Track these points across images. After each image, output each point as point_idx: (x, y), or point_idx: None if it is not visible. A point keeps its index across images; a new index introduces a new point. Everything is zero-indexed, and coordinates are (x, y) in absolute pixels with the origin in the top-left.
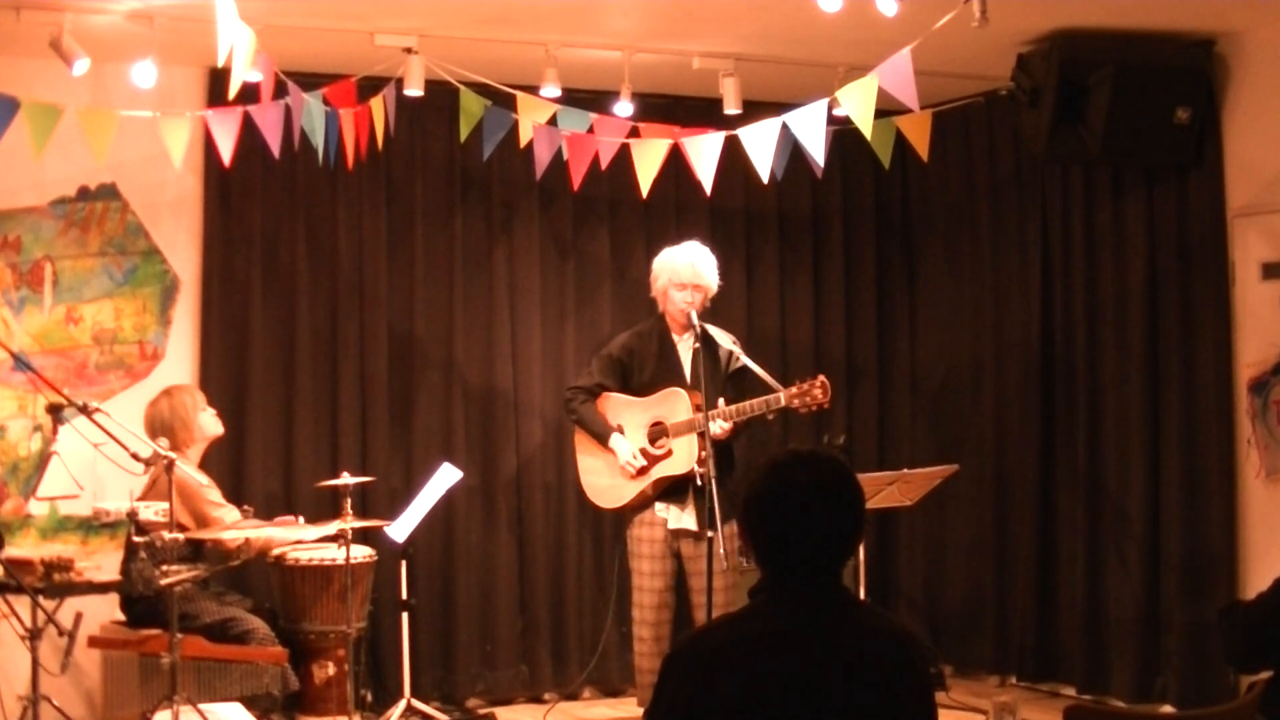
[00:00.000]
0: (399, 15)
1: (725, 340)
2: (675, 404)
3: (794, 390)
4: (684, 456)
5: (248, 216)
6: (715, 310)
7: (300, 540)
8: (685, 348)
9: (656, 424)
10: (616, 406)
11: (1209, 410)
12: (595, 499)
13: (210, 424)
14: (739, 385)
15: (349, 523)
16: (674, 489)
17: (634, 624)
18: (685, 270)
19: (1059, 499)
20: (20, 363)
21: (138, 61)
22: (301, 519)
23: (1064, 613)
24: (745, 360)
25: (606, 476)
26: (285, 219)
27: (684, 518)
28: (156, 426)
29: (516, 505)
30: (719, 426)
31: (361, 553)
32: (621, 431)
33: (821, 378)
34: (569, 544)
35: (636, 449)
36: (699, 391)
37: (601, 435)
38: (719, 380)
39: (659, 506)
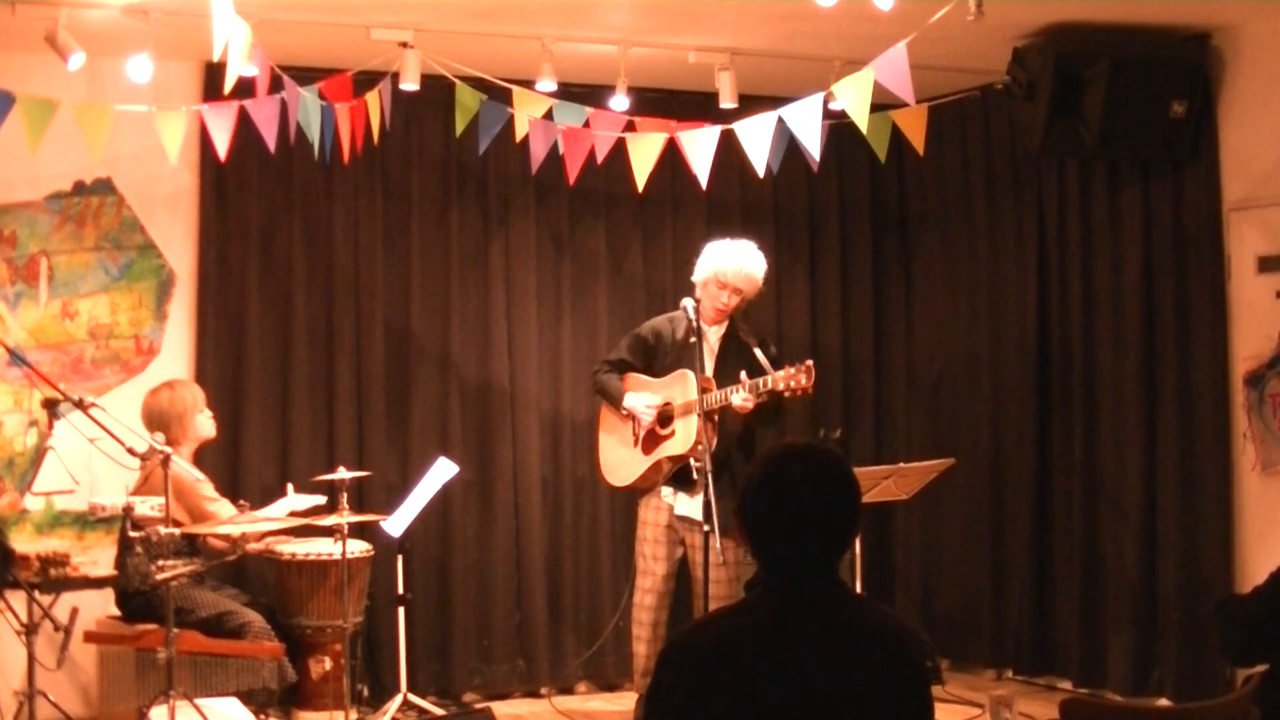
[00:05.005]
0: (395, 9)
1: (753, 342)
2: (682, 386)
3: (781, 374)
4: (683, 437)
5: (244, 211)
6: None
7: (293, 514)
8: (714, 338)
9: (665, 405)
10: (635, 387)
11: (1205, 404)
12: (607, 475)
13: (205, 426)
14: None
15: (345, 517)
16: (684, 476)
17: (634, 608)
18: (732, 273)
19: (1055, 492)
20: (16, 358)
21: (133, 56)
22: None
23: (1060, 606)
24: (761, 359)
25: (617, 451)
26: (281, 213)
27: (691, 505)
28: (154, 417)
29: (513, 499)
30: (740, 398)
31: (358, 547)
32: None
33: (809, 362)
34: (565, 538)
35: (655, 402)
36: (709, 376)
37: (615, 398)
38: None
39: (666, 491)
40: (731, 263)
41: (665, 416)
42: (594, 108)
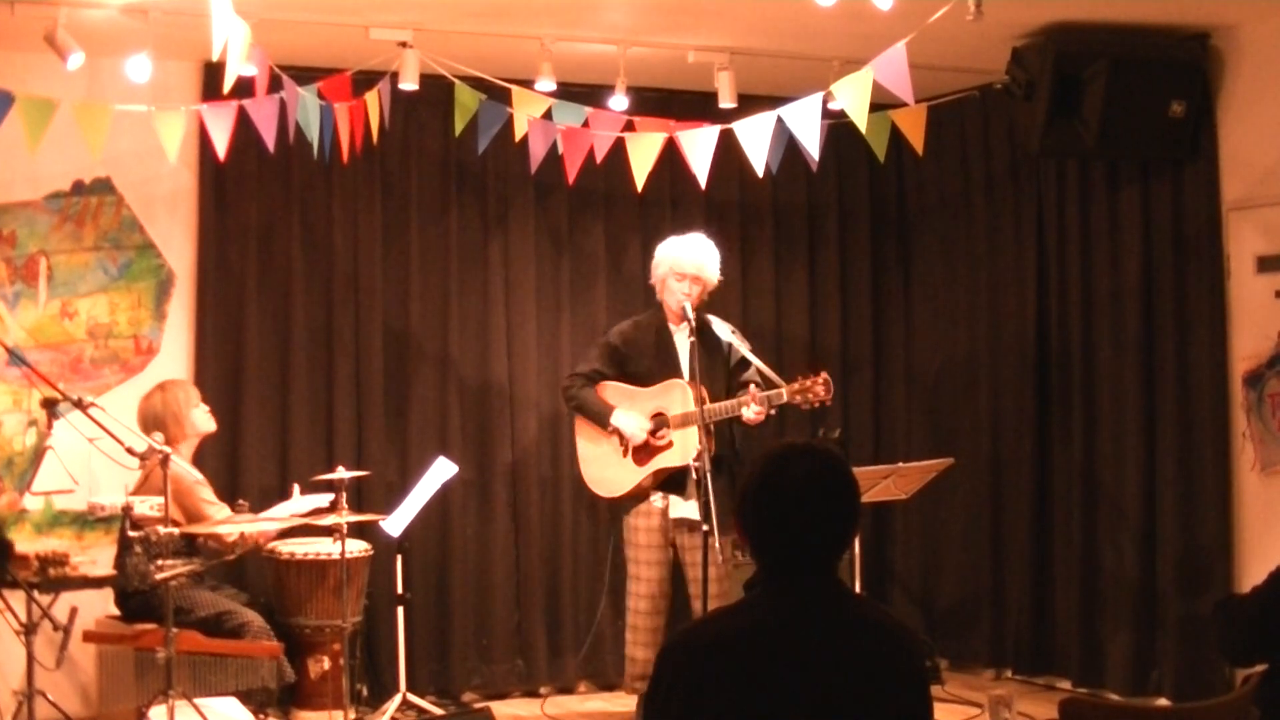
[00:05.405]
0: (394, 9)
1: (724, 332)
2: (676, 396)
3: (795, 386)
4: (682, 449)
5: (243, 211)
6: (711, 303)
7: (295, 516)
8: (682, 339)
9: (658, 415)
10: (618, 396)
11: (1204, 404)
12: (594, 487)
13: (203, 420)
14: (740, 376)
15: (344, 517)
16: (674, 479)
17: (629, 614)
18: (688, 262)
19: (1054, 492)
20: (15, 357)
21: (132, 55)
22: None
23: (1059, 606)
24: (746, 354)
25: (604, 464)
26: (280, 213)
27: (685, 507)
28: (149, 420)
29: (512, 499)
30: (753, 411)
31: (357, 547)
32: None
33: (824, 375)
34: (564, 537)
35: (645, 423)
36: (699, 384)
37: (600, 416)
38: (720, 372)
39: (656, 496)
40: (686, 252)
41: (659, 425)
42: (593, 107)
